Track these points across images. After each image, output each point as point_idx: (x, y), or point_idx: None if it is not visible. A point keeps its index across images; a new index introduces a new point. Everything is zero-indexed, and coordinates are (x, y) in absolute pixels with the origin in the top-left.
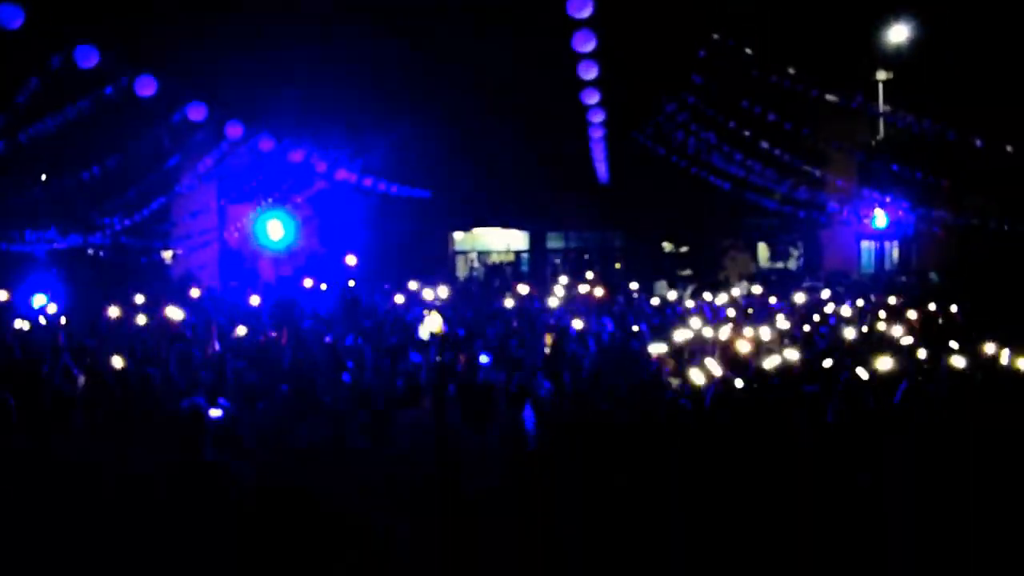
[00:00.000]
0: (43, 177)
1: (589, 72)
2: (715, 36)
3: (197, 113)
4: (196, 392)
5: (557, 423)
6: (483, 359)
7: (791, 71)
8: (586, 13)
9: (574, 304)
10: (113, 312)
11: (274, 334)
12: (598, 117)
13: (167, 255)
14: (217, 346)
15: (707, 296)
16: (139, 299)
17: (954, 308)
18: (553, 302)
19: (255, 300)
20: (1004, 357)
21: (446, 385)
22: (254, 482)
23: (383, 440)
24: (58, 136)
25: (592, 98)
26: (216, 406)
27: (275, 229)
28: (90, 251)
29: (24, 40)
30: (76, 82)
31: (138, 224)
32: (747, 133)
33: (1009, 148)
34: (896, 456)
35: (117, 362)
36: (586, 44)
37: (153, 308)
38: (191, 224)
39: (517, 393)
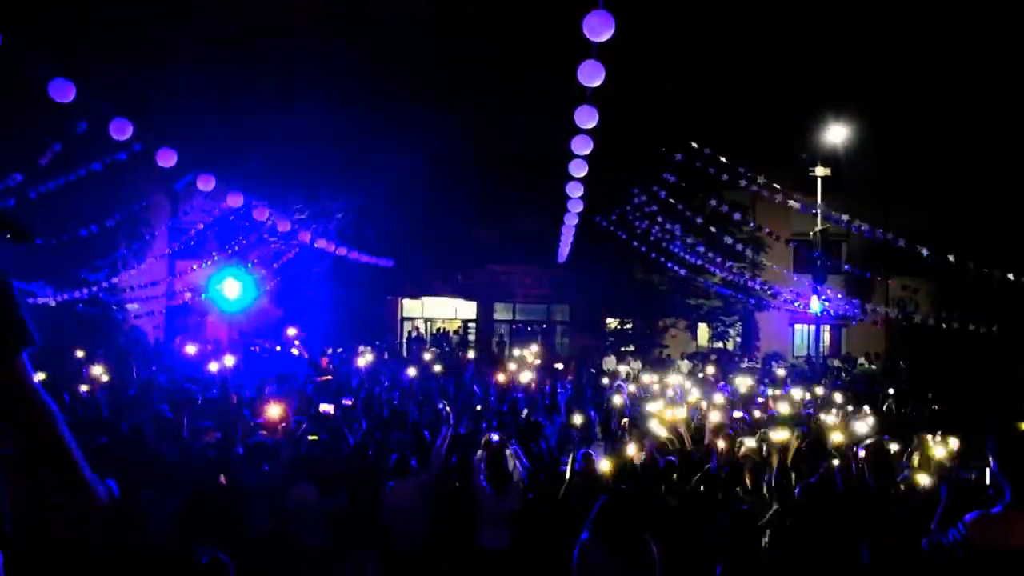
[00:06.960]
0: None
1: (580, 170)
2: (693, 144)
3: (207, 183)
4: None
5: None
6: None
7: (741, 169)
8: (591, 123)
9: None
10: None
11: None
12: (577, 207)
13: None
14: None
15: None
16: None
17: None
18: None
19: (214, 366)
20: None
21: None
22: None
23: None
24: (60, 196)
25: (576, 191)
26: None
27: (231, 288)
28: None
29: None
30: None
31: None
32: (699, 220)
33: (925, 251)
34: None
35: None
36: (584, 147)
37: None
38: (146, 279)
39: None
